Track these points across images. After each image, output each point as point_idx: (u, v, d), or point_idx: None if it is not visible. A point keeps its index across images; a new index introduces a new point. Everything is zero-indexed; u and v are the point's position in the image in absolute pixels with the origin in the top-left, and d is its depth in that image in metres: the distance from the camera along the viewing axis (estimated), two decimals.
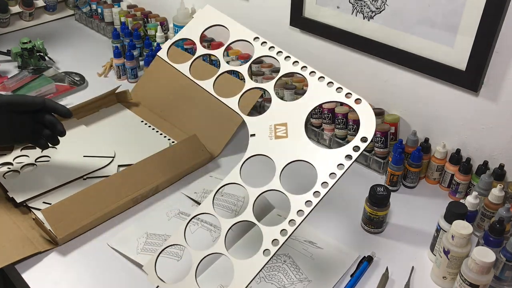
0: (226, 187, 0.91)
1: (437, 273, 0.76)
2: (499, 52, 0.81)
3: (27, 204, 0.86)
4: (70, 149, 0.99)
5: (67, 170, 0.94)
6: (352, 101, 0.57)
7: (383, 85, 1.00)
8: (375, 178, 0.99)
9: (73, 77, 1.32)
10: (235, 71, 0.66)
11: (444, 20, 0.84)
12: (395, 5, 0.90)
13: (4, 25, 1.56)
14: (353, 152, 0.54)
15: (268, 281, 0.75)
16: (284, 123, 0.59)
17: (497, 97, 0.85)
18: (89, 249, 0.81)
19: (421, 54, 0.90)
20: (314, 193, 0.53)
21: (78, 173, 0.93)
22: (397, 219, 0.89)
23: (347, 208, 0.91)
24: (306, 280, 0.75)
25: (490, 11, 0.77)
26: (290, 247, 0.81)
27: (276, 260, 0.79)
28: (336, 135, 1.04)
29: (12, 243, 0.78)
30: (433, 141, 0.97)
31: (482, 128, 0.89)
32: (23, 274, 0.76)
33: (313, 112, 1.05)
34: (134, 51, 1.35)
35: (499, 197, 0.80)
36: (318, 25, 1.04)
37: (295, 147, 0.57)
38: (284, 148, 0.58)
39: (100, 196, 0.85)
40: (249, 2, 1.18)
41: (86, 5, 1.60)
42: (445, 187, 0.95)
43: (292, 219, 0.53)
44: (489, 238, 0.72)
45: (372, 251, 0.81)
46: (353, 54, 1.02)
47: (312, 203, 0.52)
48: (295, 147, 0.57)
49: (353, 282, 0.75)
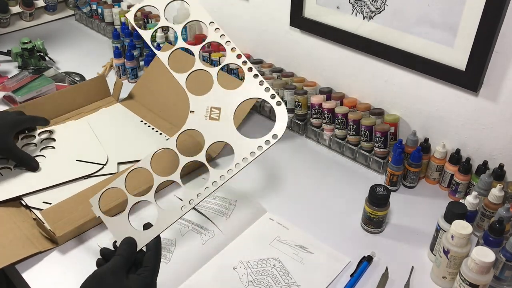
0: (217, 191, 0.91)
1: (437, 273, 0.76)
2: (499, 52, 0.81)
3: (27, 204, 0.86)
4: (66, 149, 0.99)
5: (57, 171, 0.93)
6: (274, 102, 0.66)
7: (383, 85, 1.00)
8: (375, 178, 0.99)
9: (73, 77, 1.32)
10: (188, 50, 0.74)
11: (444, 20, 0.84)
12: (395, 5, 0.90)
13: (4, 25, 1.56)
14: (264, 145, 0.65)
15: (256, 285, 0.75)
16: (218, 108, 0.68)
17: (497, 97, 0.85)
18: (89, 249, 0.81)
19: (421, 54, 0.90)
20: (228, 170, 0.65)
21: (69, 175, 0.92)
22: (397, 219, 0.89)
23: (347, 208, 0.91)
24: (294, 285, 0.75)
25: (490, 11, 0.77)
26: (281, 252, 0.81)
27: (265, 264, 0.78)
28: (336, 135, 1.04)
29: (12, 243, 0.78)
30: (433, 141, 0.97)
31: (482, 128, 0.89)
32: (23, 274, 0.76)
33: (313, 112, 1.06)
34: (134, 51, 1.35)
35: (498, 197, 0.80)
36: (318, 25, 1.04)
37: (223, 130, 0.67)
38: (214, 129, 0.68)
39: None
40: (249, 2, 1.18)
41: (86, 5, 1.59)
42: (445, 187, 0.95)
43: (207, 187, 0.65)
44: (489, 238, 0.72)
45: (372, 251, 0.81)
46: (353, 54, 1.02)
47: (225, 177, 0.65)
48: (223, 130, 0.67)
49: (353, 282, 0.75)
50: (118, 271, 0.59)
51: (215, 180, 0.66)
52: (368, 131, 0.98)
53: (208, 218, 0.86)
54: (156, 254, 0.63)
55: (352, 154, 1.03)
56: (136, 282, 0.59)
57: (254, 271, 0.77)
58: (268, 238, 0.83)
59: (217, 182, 0.65)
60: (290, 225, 0.86)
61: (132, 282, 0.58)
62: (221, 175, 0.65)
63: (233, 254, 0.80)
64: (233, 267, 0.78)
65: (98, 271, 0.59)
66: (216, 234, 0.83)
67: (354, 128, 1.00)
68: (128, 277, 0.59)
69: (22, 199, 0.87)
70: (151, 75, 1.20)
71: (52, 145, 1.00)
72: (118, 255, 0.61)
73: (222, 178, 0.65)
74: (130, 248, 0.63)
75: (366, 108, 1.02)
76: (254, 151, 0.65)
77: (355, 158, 1.03)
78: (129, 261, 0.61)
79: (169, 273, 0.76)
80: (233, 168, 0.65)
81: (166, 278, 0.75)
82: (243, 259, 0.79)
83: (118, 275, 0.58)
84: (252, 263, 0.78)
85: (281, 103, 0.66)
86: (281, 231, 0.85)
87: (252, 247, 0.82)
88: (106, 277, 0.58)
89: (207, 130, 0.68)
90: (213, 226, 0.85)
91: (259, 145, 0.65)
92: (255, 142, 0.65)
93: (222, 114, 0.68)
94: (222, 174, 0.65)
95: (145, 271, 0.60)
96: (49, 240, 0.81)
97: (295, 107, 1.09)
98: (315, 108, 1.05)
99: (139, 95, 1.19)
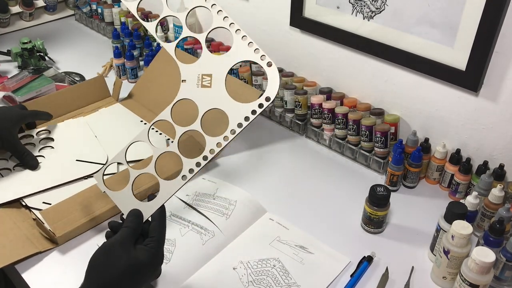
0: (218, 191, 0.92)
1: (437, 273, 0.76)
2: (499, 52, 0.81)
3: (27, 204, 0.86)
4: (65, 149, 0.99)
5: (57, 171, 0.93)
6: (265, 63, 0.65)
7: (383, 85, 1.00)
8: (375, 178, 0.99)
9: (73, 77, 1.32)
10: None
11: (444, 20, 0.84)
12: (395, 5, 0.90)
13: (4, 25, 1.56)
14: (258, 108, 0.64)
15: (256, 285, 0.75)
16: (209, 74, 0.67)
17: (497, 97, 0.85)
18: (89, 248, 0.81)
19: (421, 54, 0.90)
20: (223, 137, 0.65)
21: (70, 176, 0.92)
22: (397, 219, 0.89)
23: (347, 208, 0.91)
24: (295, 285, 0.75)
25: (490, 11, 0.77)
26: (281, 252, 0.81)
27: (265, 265, 0.78)
28: (336, 135, 1.04)
29: (12, 243, 0.78)
30: (433, 141, 0.97)
31: (482, 128, 0.89)
32: (23, 274, 0.76)
33: (313, 112, 1.06)
34: (134, 51, 1.35)
35: (499, 197, 0.80)
36: (318, 25, 1.04)
37: (215, 97, 0.66)
38: (207, 96, 0.67)
39: (99, 196, 0.85)
40: (249, 2, 1.18)
41: (86, 5, 1.59)
42: (445, 187, 0.95)
43: (205, 155, 0.65)
44: (489, 238, 0.72)
45: (372, 251, 0.81)
46: (353, 54, 1.02)
47: (222, 145, 0.65)
48: (215, 96, 0.66)
49: (353, 282, 0.75)
50: (126, 242, 0.61)
51: (211, 148, 0.65)
52: (368, 131, 0.98)
53: (208, 218, 0.86)
54: (160, 224, 0.65)
55: (352, 154, 1.03)
56: (143, 252, 0.61)
57: (254, 271, 0.77)
58: (268, 238, 0.83)
59: (214, 150, 0.65)
60: (290, 225, 0.86)
61: (139, 253, 0.61)
62: (218, 142, 0.65)
63: (233, 254, 0.80)
64: (233, 267, 0.78)
65: (106, 243, 0.62)
66: (216, 234, 0.83)
67: (354, 128, 1.00)
68: (135, 248, 0.62)
69: (22, 200, 0.87)
70: (151, 75, 1.20)
71: (51, 145, 1.00)
72: (125, 227, 0.64)
73: (219, 146, 0.65)
74: (136, 220, 0.65)
75: (366, 108, 1.02)
76: (248, 116, 0.64)
77: (355, 158, 1.03)
78: (136, 232, 0.64)
79: (169, 273, 0.76)
80: (229, 135, 0.64)
81: (166, 278, 0.75)
82: (243, 259, 0.79)
83: (126, 246, 0.61)
84: (252, 263, 0.78)
85: (272, 64, 0.64)
86: (281, 231, 0.85)
87: (252, 247, 0.81)
88: (114, 249, 0.61)
89: (200, 98, 0.67)
90: (213, 226, 0.85)
91: (253, 109, 0.64)
92: (248, 106, 0.64)
93: (213, 81, 0.67)
94: (219, 141, 0.65)
95: (151, 241, 0.63)
96: (49, 240, 0.81)
97: (295, 107, 1.09)
98: (315, 108, 1.05)
99: (139, 95, 1.19)
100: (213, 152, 0.65)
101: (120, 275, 0.59)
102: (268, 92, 0.64)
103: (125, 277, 0.59)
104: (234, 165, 1.01)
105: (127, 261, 0.59)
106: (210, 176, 0.97)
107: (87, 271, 0.60)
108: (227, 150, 1.04)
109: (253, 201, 0.90)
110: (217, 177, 0.97)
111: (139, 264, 0.60)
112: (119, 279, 0.59)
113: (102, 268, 0.60)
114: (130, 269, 0.59)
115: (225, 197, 0.91)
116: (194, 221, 0.86)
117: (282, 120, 1.15)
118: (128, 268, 0.59)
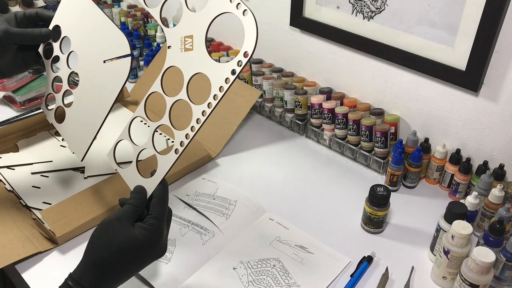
0: (218, 191, 0.92)
1: (437, 273, 0.76)
2: (499, 52, 0.81)
3: (27, 204, 0.86)
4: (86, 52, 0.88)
5: None
6: (240, 12, 0.62)
7: (383, 85, 1.00)
8: (375, 178, 0.99)
9: (73, 77, 1.32)
10: None
11: (444, 20, 0.84)
12: (395, 5, 0.90)
13: None
14: (237, 67, 0.60)
15: (256, 285, 0.75)
16: (191, 35, 0.66)
17: (497, 97, 0.85)
18: None
19: (421, 54, 0.90)
20: (207, 104, 0.62)
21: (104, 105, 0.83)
22: (397, 219, 0.89)
23: (347, 208, 0.91)
24: (295, 285, 0.75)
25: (490, 11, 0.77)
26: (281, 252, 0.81)
27: (265, 264, 0.78)
28: (336, 135, 1.04)
29: (12, 243, 0.78)
30: (433, 141, 0.97)
31: (482, 128, 0.89)
32: (23, 274, 0.76)
33: (313, 112, 1.06)
34: (134, 51, 1.35)
35: (499, 197, 0.80)
36: (318, 25, 1.04)
37: (197, 60, 0.65)
38: (190, 60, 0.65)
39: (99, 196, 0.85)
40: (249, 2, 1.18)
41: None
42: (445, 187, 0.95)
43: (193, 126, 0.64)
44: (489, 238, 0.72)
45: (372, 251, 0.81)
46: (353, 54, 1.02)
47: (206, 112, 0.63)
48: (197, 59, 0.65)
49: (353, 282, 0.75)
50: (124, 219, 0.61)
51: (198, 117, 0.64)
52: (368, 131, 0.98)
53: (208, 218, 0.86)
54: (160, 200, 0.65)
55: (352, 154, 1.03)
56: (140, 230, 0.61)
57: (254, 271, 0.77)
58: (268, 238, 0.83)
59: (200, 119, 0.64)
60: (290, 225, 0.86)
61: (137, 230, 0.61)
62: (203, 111, 0.63)
63: (233, 254, 0.80)
64: (233, 267, 0.78)
65: (106, 219, 0.62)
66: (216, 234, 0.83)
67: (354, 128, 1.00)
68: (134, 224, 0.62)
69: (22, 199, 0.87)
70: (151, 75, 1.20)
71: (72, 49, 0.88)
72: (128, 203, 0.64)
73: (204, 114, 0.63)
74: (139, 196, 0.65)
75: (366, 108, 1.02)
76: (228, 77, 0.61)
77: (355, 158, 1.03)
78: (138, 209, 0.64)
79: (169, 273, 0.76)
80: (212, 101, 0.62)
81: (166, 278, 0.75)
82: (243, 259, 0.79)
83: (124, 223, 0.61)
84: (252, 263, 0.78)
85: (248, 12, 0.60)
86: (281, 231, 0.85)
87: (252, 247, 0.81)
88: (112, 224, 0.61)
89: (184, 63, 0.66)
90: (213, 226, 0.85)
91: (232, 69, 0.61)
92: (228, 66, 0.61)
93: (195, 42, 0.65)
94: (203, 109, 0.63)
95: (150, 218, 0.63)
96: (49, 240, 0.81)
97: (295, 107, 1.09)
98: (315, 108, 1.05)
99: (139, 95, 1.19)
100: (199, 121, 0.64)
101: (115, 251, 0.59)
102: (245, 46, 0.59)
103: (120, 254, 0.59)
104: (234, 165, 1.01)
105: (123, 237, 0.59)
106: (210, 176, 0.97)
107: (86, 248, 0.61)
108: (227, 150, 1.05)
109: (253, 201, 0.90)
110: (217, 177, 0.97)
111: (135, 242, 0.59)
112: (115, 255, 0.58)
113: (98, 245, 0.60)
114: (126, 246, 0.59)
115: (225, 197, 0.91)
116: (194, 221, 0.86)
117: (282, 120, 1.15)
118: (124, 245, 0.59)
